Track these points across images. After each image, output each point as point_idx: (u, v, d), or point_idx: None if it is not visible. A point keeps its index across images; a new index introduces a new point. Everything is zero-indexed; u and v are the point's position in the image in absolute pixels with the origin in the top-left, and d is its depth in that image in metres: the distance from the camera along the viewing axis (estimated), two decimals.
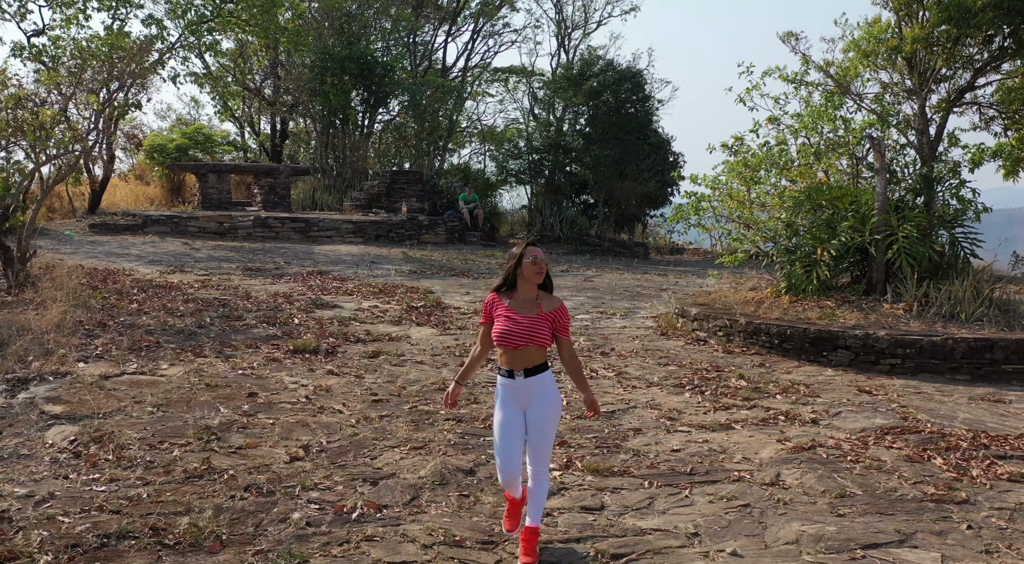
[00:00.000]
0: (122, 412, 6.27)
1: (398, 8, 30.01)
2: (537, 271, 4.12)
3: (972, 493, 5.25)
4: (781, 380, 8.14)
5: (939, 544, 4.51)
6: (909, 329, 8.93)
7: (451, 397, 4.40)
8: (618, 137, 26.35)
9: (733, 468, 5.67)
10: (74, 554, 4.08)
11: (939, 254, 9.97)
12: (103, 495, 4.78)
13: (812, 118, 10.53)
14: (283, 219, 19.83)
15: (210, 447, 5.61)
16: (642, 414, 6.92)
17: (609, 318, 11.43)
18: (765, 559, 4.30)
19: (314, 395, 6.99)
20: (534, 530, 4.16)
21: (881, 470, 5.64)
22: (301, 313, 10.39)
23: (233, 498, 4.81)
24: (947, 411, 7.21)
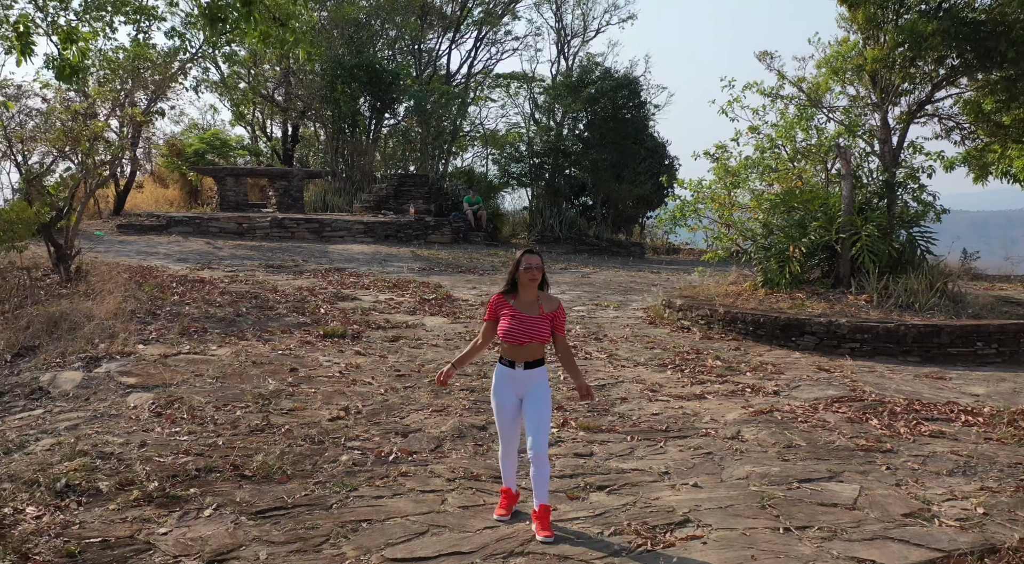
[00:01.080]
0: (186, 383, 7.36)
1: (403, 17, 31.11)
2: (530, 278, 4.68)
3: (896, 445, 6.35)
4: (752, 361, 9.24)
5: (860, 479, 5.60)
6: (868, 317, 10.03)
7: (444, 376, 4.96)
8: (615, 142, 27.42)
9: (702, 427, 6.76)
10: (175, 482, 5.18)
11: (898, 251, 11.06)
12: (186, 443, 5.88)
13: (786, 128, 11.63)
14: (298, 220, 20.93)
15: (266, 409, 6.71)
16: (628, 387, 8.01)
17: (603, 310, 12.52)
18: (720, 489, 5.39)
19: (346, 371, 8.09)
20: (546, 508, 4.60)
21: (824, 428, 6.73)
22: (325, 304, 11.48)
23: (291, 446, 5.91)
24: (892, 385, 8.31)
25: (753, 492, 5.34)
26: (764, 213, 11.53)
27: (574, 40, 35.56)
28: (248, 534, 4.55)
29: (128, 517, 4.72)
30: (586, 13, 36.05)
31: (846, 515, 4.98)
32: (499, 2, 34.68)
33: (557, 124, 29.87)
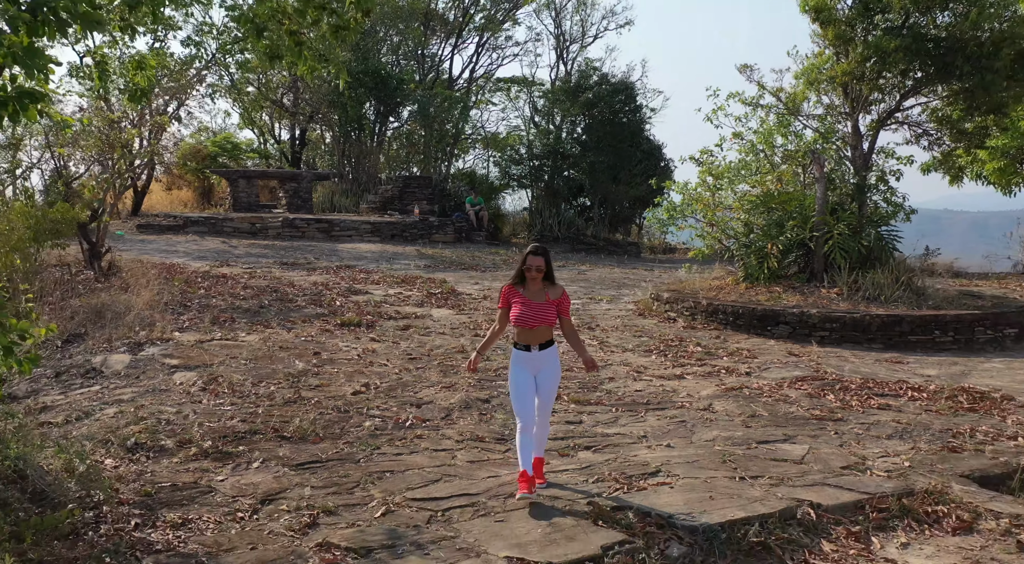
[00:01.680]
0: (223, 364, 8.27)
1: (407, 24, 32.03)
2: (532, 277, 5.31)
3: (846, 415, 7.26)
4: (730, 347, 10.15)
5: (810, 442, 6.51)
6: (837, 308, 10.93)
7: (473, 364, 5.52)
8: (612, 145, 28.33)
9: (679, 401, 7.67)
10: (225, 441, 6.09)
11: (867, 248, 11.96)
12: (230, 412, 6.79)
13: (767, 134, 12.54)
14: (308, 220, 21.84)
15: (296, 385, 7.62)
16: (616, 369, 8.92)
17: (597, 303, 13.43)
18: (689, 449, 6.30)
19: (363, 354, 9.00)
20: (540, 460, 5.35)
21: (786, 402, 7.64)
22: (340, 297, 12.39)
23: (321, 414, 6.82)
24: (853, 368, 9.22)
25: (717, 451, 6.24)
26: (745, 213, 12.45)
27: (573, 46, 36.51)
28: (291, 481, 5.46)
29: (190, 468, 5.64)
30: (584, 19, 36.91)
31: (794, 468, 5.89)
32: (500, 8, 35.59)
33: (556, 127, 30.79)
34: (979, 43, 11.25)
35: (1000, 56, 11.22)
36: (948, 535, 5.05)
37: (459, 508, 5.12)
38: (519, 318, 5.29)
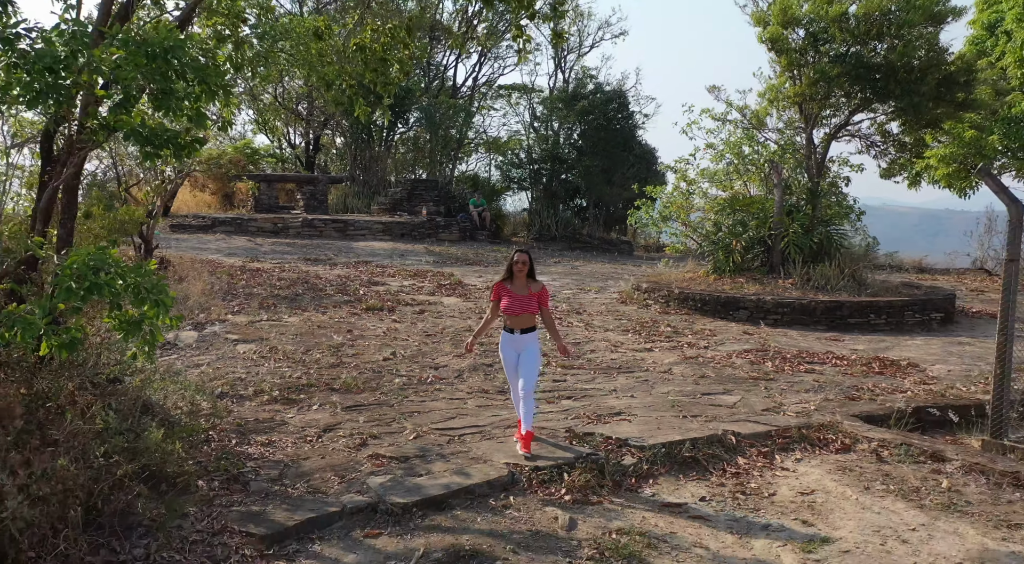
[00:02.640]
0: (275, 338, 10.02)
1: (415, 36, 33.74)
2: (518, 270, 6.52)
3: (777, 376, 9.00)
4: (695, 328, 11.89)
5: (743, 394, 8.25)
6: (790, 296, 12.67)
7: (470, 346, 6.85)
8: (606, 150, 30.05)
9: (645, 366, 9.41)
10: (289, 391, 7.83)
11: (818, 244, 13.68)
12: (288, 371, 8.53)
13: (734, 146, 14.27)
14: (325, 220, 23.60)
15: (337, 353, 9.37)
16: (597, 344, 10.66)
17: (585, 293, 15.17)
18: (648, 398, 8.04)
19: (388, 332, 10.74)
20: (530, 434, 6.36)
21: (731, 367, 9.38)
22: (363, 287, 14.14)
23: (360, 373, 8.56)
24: (794, 343, 10.95)
25: (669, 400, 7.98)
26: (715, 214, 14.18)
27: (570, 55, 38.27)
28: (343, 418, 7.21)
29: (266, 409, 7.38)
30: (581, 30, 38.51)
31: (726, 411, 7.63)
32: (502, 20, 37.32)
33: (554, 133, 32.52)
34: (909, 70, 12.97)
35: (926, 81, 12.94)
36: (832, 453, 6.79)
37: (470, 434, 6.87)
38: (507, 308, 6.58)
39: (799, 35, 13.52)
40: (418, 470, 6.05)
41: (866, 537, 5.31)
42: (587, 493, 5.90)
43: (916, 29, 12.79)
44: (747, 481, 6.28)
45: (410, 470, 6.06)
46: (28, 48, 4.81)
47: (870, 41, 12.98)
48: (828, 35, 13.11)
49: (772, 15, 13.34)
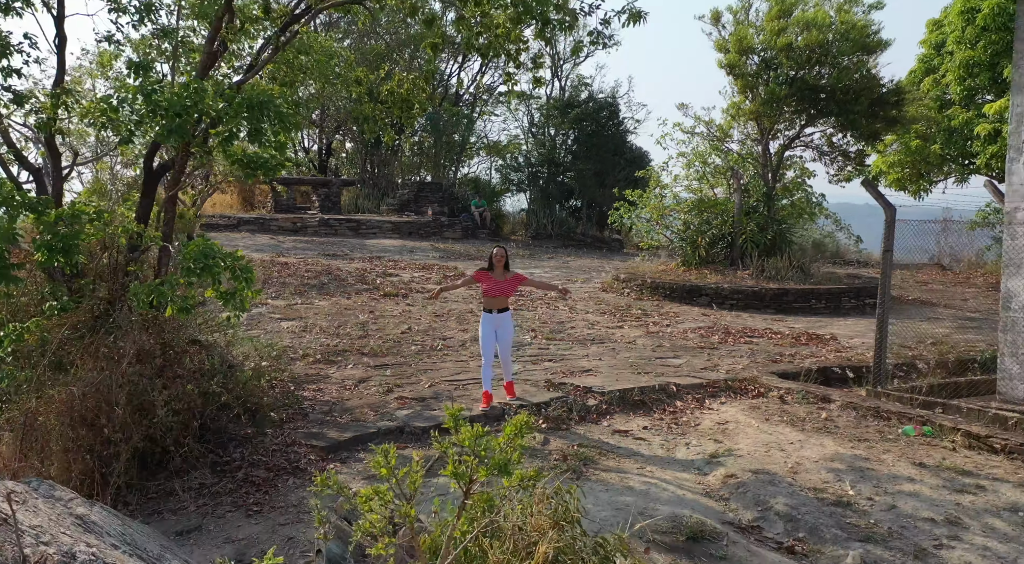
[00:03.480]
0: (311, 317, 12.02)
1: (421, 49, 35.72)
2: (497, 261, 8.43)
3: (721, 346, 11.00)
4: (662, 310, 13.89)
5: (689, 358, 10.25)
6: (745, 284, 14.66)
7: (435, 295, 9.03)
8: (598, 154, 32.02)
9: (614, 339, 11.41)
10: (328, 355, 9.84)
11: (771, 241, 15.67)
12: (325, 341, 10.53)
13: (701, 155, 16.26)
14: (340, 220, 25.60)
15: (364, 328, 11.37)
16: (577, 323, 12.66)
17: (572, 283, 17.16)
18: (612, 361, 10.04)
19: (403, 313, 12.75)
20: (511, 384, 8.62)
21: (684, 340, 11.38)
22: (379, 278, 16.15)
23: (384, 342, 10.56)
24: (742, 323, 12.95)
25: (630, 362, 9.99)
26: (684, 215, 16.17)
27: (565, 65, 40.27)
28: (373, 373, 9.21)
29: (312, 367, 9.38)
30: (576, 40, 40.60)
31: (672, 370, 9.63)
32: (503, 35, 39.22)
33: (550, 138, 34.49)
34: (845, 92, 14.93)
35: (860, 102, 14.90)
36: (749, 398, 8.79)
37: (472, 384, 8.88)
38: (487, 290, 8.18)
39: (754, 61, 15.51)
40: (432, 407, 8.06)
41: (756, 448, 7.31)
42: (559, 423, 7.91)
43: (850, 58, 14.76)
44: (680, 416, 8.29)
45: (426, 407, 8.06)
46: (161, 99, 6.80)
47: (813, 67, 14.96)
48: (777, 62, 15.10)
49: (731, 44, 15.34)
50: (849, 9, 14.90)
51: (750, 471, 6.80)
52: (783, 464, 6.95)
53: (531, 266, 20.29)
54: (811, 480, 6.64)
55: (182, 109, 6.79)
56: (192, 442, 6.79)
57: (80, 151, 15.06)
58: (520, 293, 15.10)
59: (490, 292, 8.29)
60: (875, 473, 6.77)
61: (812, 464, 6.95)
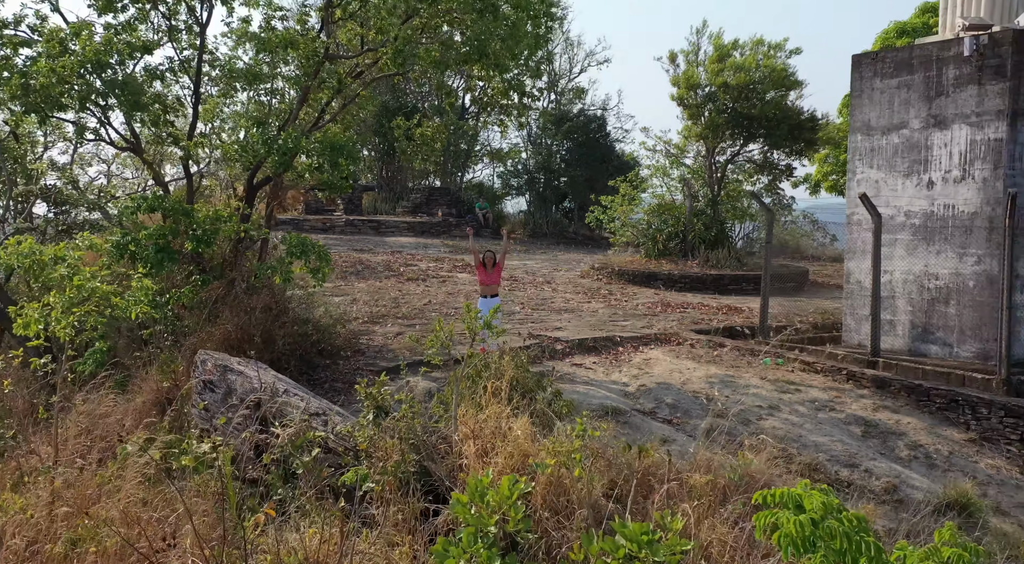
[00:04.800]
0: (355, 294, 15.58)
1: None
2: (488, 262, 12.65)
3: (660, 315, 14.56)
4: (624, 291, 17.44)
5: (634, 321, 13.81)
6: (691, 271, 18.20)
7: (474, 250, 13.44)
8: (589, 162, 35.44)
9: (583, 309, 14.97)
10: (372, 318, 13.42)
11: (715, 237, 19.18)
12: (368, 310, 14.10)
13: (660, 168, 19.80)
14: (363, 220, 29.18)
15: (395, 302, 14.94)
16: (556, 299, 16.22)
17: (558, 272, 20.72)
18: (579, 322, 13.59)
19: (423, 292, 16.32)
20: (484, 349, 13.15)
21: (635, 310, 14.94)
22: (401, 267, 19.73)
23: (411, 310, 14.14)
24: (683, 299, 16.50)
25: (590, 324, 13.53)
26: (647, 216, 19.71)
27: (561, 80, 43.80)
28: (406, 329, 12.76)
29: (362, 327, 12.95)
30: (571, 58, 44.15)
31: (620, 328, 13.18)
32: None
33: (547, 147, 38.04)
34: (769, 120, 18.42)
35: (781, 128, 18.39)
36: (670, 346, 12.35)
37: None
38: (482, 281, 12.34)
39: (699, 95, 19.02)
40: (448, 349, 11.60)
41: (664, 372, 10.86)
42: (535, 359, 11.45)
43: (774, 93, 18.26)
44: (619, 356, 11.84)
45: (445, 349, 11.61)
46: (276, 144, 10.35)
47: (744, 100, 18.45)
48: (717, 96, 18.59)
49: (682, 81, 18.85)
50: (773, 55, 18.45)
51: (656, 383, 10.37)
52: (678, 380, 10.51)
53: (526, 259, 23.83)
54: (693, 388, 10.20)
55: (287, 150, 10.38)
56: (296, 364, 10.38)
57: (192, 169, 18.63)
58: (515, 279, 18.63)
59: (484, 281, 11.92)
60: (735, 383, 10.34)
61: (697, 379, 10.51)
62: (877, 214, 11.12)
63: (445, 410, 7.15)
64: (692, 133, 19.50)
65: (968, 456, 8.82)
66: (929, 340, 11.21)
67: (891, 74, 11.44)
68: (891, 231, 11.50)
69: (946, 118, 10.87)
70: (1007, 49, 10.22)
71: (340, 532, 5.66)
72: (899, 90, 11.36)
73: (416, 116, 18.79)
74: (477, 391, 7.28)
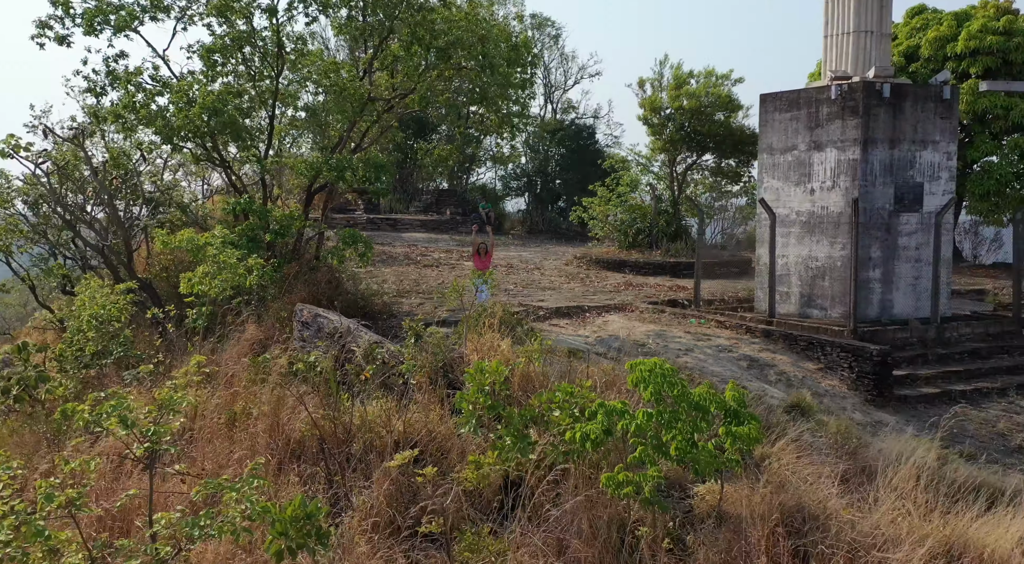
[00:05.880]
0: (383, 276, 19.29)
1: None
2: (482, 250, 16.57)
3: (623, 292, 18.28)
4: (599, 275, 21.14)
5: (601, 296, 17.54)
6: (655, 259, 21.88)
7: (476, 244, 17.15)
8: (580, 166, 39.04)
9: (563, 288, 18.69)
10: (400, 292, 17.17)
11: (675, 231, 22.81)
12: (396, 286, 17.84)
13: (631, 176, 23.45)
14: (381, 218, 32.92)
15: (416, 281, 18.67)
16: (543, 281, 19.93)
17: (547, 260, 24.41)
18: (558, 296, 17.32)
19: (437, 275, 20.04)
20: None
21: (604, 289, 18.66)
22: (418, 256, 23.45)
23: (430, 288, 17.86)
24: (644, 281, 20.20)
25: (567, 297, 17.24)
26: (621, 214, 23.37)
27: (556, 92, 47.45)
28: (426, 301, 16.49)
29: (392, 298, 16.67)
30: (566, 71, 47.80)
31: (589, 300, 16.89)
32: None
33: (543, 153, 41.70)
34: (717, 136, 22.04)
35: (726, 143, 22.00)
36: (626, 313, 16.07)
37: None
38: (476, 265, 16.16)
39: (661, 115, 22.67)
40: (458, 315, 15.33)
41: (616, 329, 14.56)
42: (521, 321, 15.16)
43: (721, 115, 21.91)
44: (585, 319, 15.55)
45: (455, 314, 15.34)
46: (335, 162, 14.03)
47: (696, 121, 22.10)
48: (675, 116, 22.23)
49: (647, 104, 22.52)
50: (720, 84, 22.10)
51: (608, 335, 14.08)
52: (625, 333, 14.22)
53: (522, 250, 27.55)
54: (635, 338, 13.91)
55: (341, 168, 14.10)
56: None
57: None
58: (510, 265, 22.30)
59: (478, 266, 15.64)
60: (666, 335, 14.04)
61: (639, 333, 14.22)
62: (773, 213, 14.82)
63: (458, 337, 10.85)
64: (656, 147, 23.18)
65: (816, 379, 12.53)
66: (812, 306, 14.90)
67: (785, 109, 15.12)
68: (786, 226, 15.18)
69: (822, 143, 14.54)
70: (860, 94, 13.90)
71: (397, 404, 9.43)
72: (791, 121, 15.03)
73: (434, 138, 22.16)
74: (479, 325, 10.95)
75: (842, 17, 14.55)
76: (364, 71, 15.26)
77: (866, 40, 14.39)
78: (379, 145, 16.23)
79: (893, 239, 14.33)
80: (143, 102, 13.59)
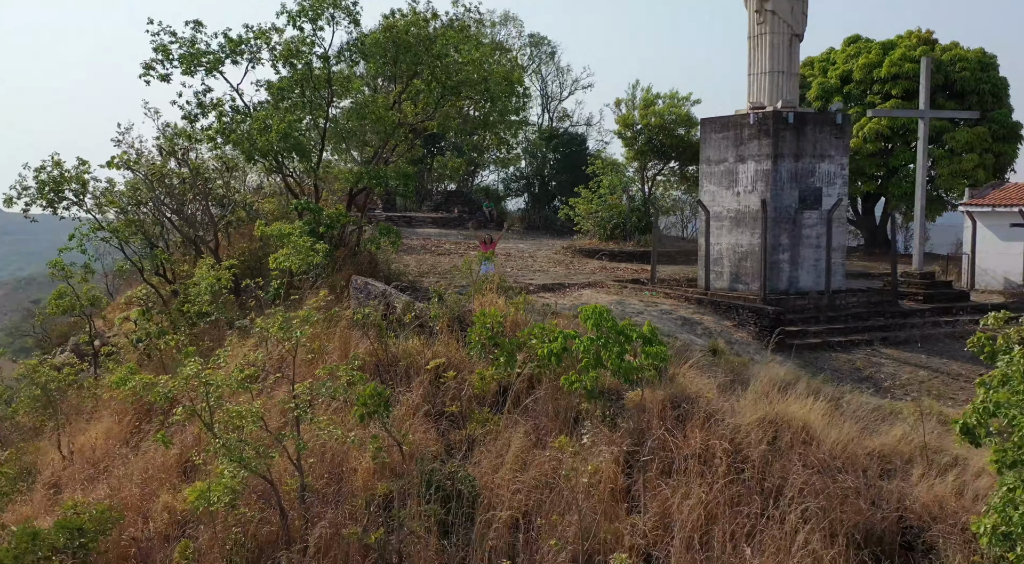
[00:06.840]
0: (406, 261, 23.41)
1: None
2: (487, 240, 20.69)
3: (600, 274, 22.39)
4: (579, 261, 25.22)
5: (580, 277, 21.64)
6: (627, 249, 25.96)
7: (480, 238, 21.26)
8: (573, 169, 43.06)
9: (550, 272, 22.80)
10: (420, 273, 21.29)
11: (645, 225, 26.82)
12: (416, 268, 21.95)
13: (610, 180, 27.51)
14: (397, 216, 36.99)
15: (433, 266, 22.79)
16: (535, 266, 24.03)
17: (540, 250, 28.47)
18: (545, 277, 21.42)
19: (450, 260, 24.14)
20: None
21: (583, 271, 22.77)
22: (432, 247, 27.56)
23: (445, 270, 21.97)
24: (616, 265, 24.29)
25: (552, 277, 21.33)
26: (601, 212, 27.42)
27: (552, 102, 51.44)
28: (442, 280, 20.56)
29: (415, 277, 20.79)
30: (561, 83, 51.82)
31: (570, 280, 20.99)
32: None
33: (540, 157, 45.74)
34: (681, 148, 25.99)
35: (687, 153, 26.02)
36: (596, 288, 20.18)
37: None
38: (482, 250, 20.27)
39: (633, 130, 26.67)
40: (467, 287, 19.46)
41: (587, 299, 18.65)
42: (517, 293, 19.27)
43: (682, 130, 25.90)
44: (565, 292, 19.64)
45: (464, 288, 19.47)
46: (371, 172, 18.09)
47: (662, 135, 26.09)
48: (645, 131, 26.23)
49: (622, 121, 26.50)
50: (681, 105, 26.14)
51: (580, 303, 18.17)
52: (593, 301, 18.31)
53: (519, 243, 31.61)
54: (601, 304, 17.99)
55: (379, 176, 18.21)
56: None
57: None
58: (509, 254, 26.37)
59: (483, 250, 19.76)
60: (625, 303, 18.13)
61: (604, 301, 18.29)
62: (707, 211, 18.89)
63: (468, 297, 14.96)
64: (630, 156, 27.22)
65: (731, 332, 16.61)
66: (739, 281, 18.97)
67: (719, 130, 19.17)
68: (719, 220, 19.25)
69: (745, 157, 18.59)
70: (770, 120, 17.94)
71: (425, 341, 13.58)
72: (723, 140, 19.09)
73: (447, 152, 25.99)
74: (482, 289, 15.02)
75: (759, 60, 18.60)
76: (394, 101, 19.34)
77: (778, 78, 18.44)
78: (404, 158, 20.31)
79: (799, 230, 18.40)
80: (231, 128, 17.70)
